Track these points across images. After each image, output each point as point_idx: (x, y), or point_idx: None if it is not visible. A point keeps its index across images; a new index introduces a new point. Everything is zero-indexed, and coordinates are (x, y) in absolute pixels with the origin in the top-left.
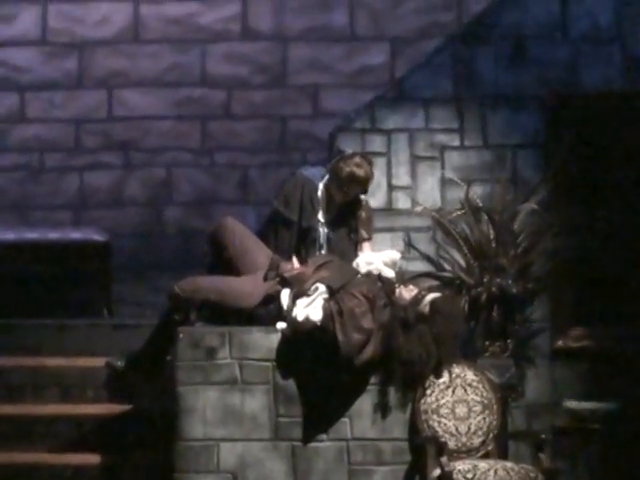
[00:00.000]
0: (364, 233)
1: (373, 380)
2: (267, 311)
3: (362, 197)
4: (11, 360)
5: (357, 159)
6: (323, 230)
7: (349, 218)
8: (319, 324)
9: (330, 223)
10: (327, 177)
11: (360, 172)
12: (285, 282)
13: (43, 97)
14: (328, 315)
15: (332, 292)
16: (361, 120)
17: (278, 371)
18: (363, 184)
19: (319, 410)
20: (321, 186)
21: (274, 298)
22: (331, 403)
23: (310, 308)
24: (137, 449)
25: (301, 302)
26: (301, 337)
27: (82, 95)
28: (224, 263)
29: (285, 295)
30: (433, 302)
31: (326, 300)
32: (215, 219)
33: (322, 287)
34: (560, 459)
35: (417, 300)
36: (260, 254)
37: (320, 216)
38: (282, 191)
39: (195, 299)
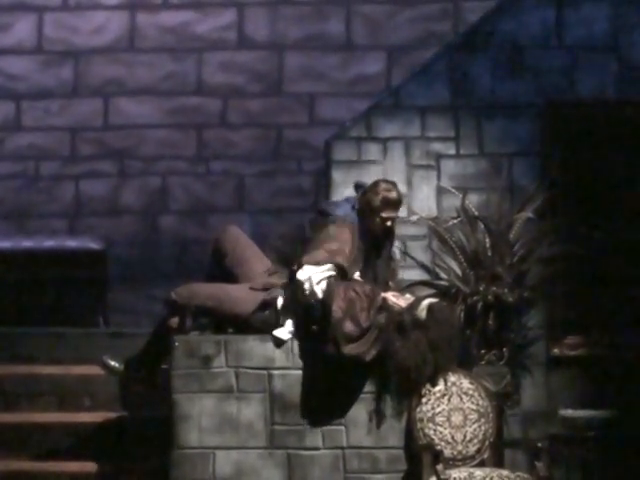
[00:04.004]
0: (391, 284)
1: (368, 388)
2: (263, 318)
3: (394, 250)
4: (7, 368)
5: (383, 184)
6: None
7: (383, 251)
8: (320, 296)
9: (364, 260)
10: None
11: (393, 194)
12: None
13: (39, 105)
14: (331, 292)
15: (341, 271)
16: (357, 128)
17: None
18: (397, 205)
19: (315, 418)
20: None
21: (270, 305)
22: (327, 411)
23: (315, 277)
24: (133, 457)
25: (310, 269)
26: (301, 310)
27: (78, 103)
28: (223, 270)
29: (282, 301)
30: (430, 307)
31: (333, 278)
32: (211, 228)
33: (331, 265)
34: (556, 467)
35: (413, 305)
36: (259, 264)
37: None
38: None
39: (191, 305)
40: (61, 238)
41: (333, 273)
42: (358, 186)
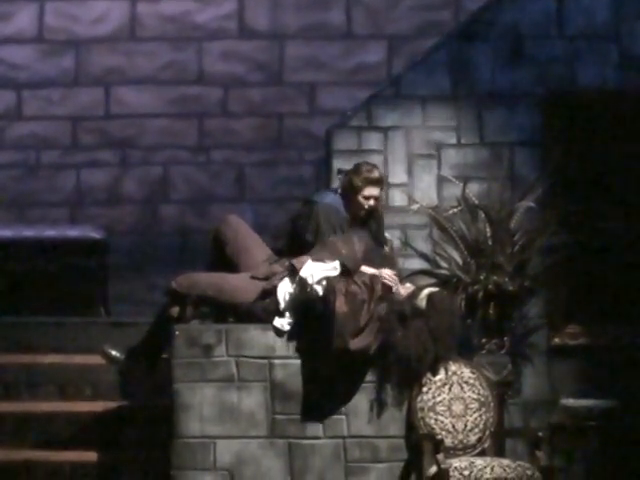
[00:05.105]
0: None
1: (369, 377)
2: (263, 306)
3: (387, 235)
4: (8, 357)
5: (365, 165)
6: None
7: (370, 236)
8: (320, 293)
9: None
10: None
11: (374, 174)
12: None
13: (40, 95)
14: (332, 289)
15: (345, 270)
16: (358, 118)
17: (275, 368)
18: (379, 183)
19: (316, 407)
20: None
21: (271, 294)
22: (328, 400)
23: (317, 274)
24: (134, 446)
25: (312, 266)
26: (302, 307)
27: (79, 93)
28: (224, 259)
29: (282, 289)
30: (430, 296)
31: (334, 277)
32: (211, 217)
33: (337, 263)
34: (557, 456)
35: (414, 294)
36: (260, 253)
37: None
38: (310, 223)
39: (192, 294)
40: (62, 227)
41: (336, 272)
42: (340, 171)
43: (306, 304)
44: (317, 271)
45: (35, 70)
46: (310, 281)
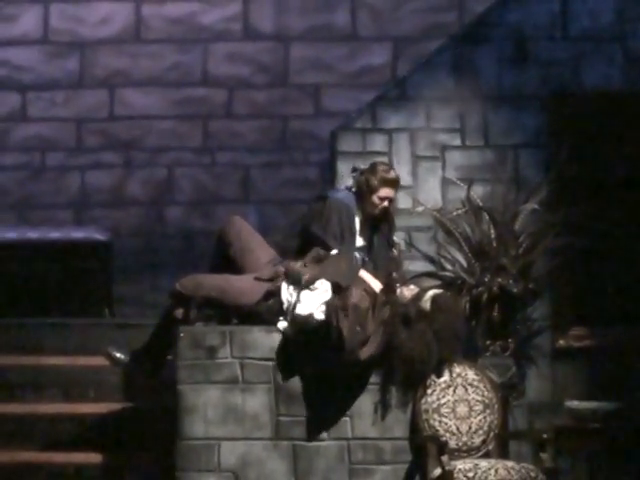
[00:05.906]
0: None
1: (374, 379)
2: (267, 307)
3: (395, 239)
4: (12, 359)
5: (381, 165)
6: (359, 255)
7: (382, 237)
8: (323, 320)
9: (366, 247)
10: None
11: (390, 174)
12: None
13: (45, 96)
14: (332, 311)
15: (339, 289)
16: (362, 120)
17: (279, 370)
18: (395, 184)
19: (320, 409)
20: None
21: (274, 295)
22: (332, 402)
23: (314, 304)
24: (138, 448)
25: (305, 297)
26: (304, 333)
27: (83, 95)
28: (228, 261)
29: (285, 290)
30: (434, 298)
31: (330, 297)
32: (216, 219)
33: (328, 285)
34: (561, 458)
35: (418, 296)
36: (263, 254)
37: (357, 241)
38: (320, 216)
39: (196, 296)
40: (66, 229)
41: (329, 294)
42: (355, 169)
43: (311, 332)
44: (311, 302)
45: (40, 72)
46: (306, 313)
